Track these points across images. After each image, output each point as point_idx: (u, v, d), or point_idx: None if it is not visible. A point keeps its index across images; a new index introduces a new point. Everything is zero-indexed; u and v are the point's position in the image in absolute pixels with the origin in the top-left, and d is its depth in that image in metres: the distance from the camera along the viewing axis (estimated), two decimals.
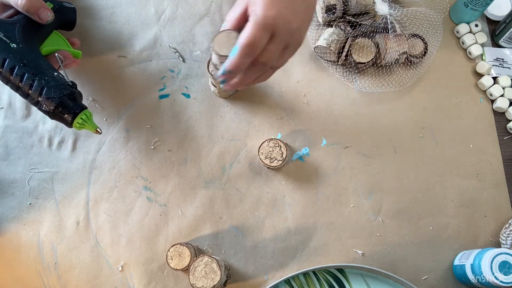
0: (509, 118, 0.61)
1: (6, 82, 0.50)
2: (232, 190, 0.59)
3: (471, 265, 0.52)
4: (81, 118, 0.51)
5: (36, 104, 0.50)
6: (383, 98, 0.62)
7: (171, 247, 0.53)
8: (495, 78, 0.62)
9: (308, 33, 0.63)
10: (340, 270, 0.54)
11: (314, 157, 0.60)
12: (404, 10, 0.60)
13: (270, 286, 0.52)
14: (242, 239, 0.57)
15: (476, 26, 0.64)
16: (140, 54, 0.64)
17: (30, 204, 0.59)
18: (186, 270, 0.53)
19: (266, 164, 0.57)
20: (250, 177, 0.59)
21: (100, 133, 0.53)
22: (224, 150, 0.60)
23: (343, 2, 0.61)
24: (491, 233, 0.57)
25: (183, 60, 0.64)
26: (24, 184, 0.59)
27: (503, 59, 0.63)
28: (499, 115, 0.62)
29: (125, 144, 0.60)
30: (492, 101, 0.62)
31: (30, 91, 0.49)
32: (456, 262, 0.55)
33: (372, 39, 0.60)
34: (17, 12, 0.53)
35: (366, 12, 0.61)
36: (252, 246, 0.57)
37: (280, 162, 0.57)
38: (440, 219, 0.58)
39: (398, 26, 0.61)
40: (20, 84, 0.49)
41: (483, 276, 0.50)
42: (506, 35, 0.62)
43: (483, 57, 0.63)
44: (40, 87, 0.49)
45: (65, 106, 0.50)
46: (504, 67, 0.63)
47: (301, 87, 0.63)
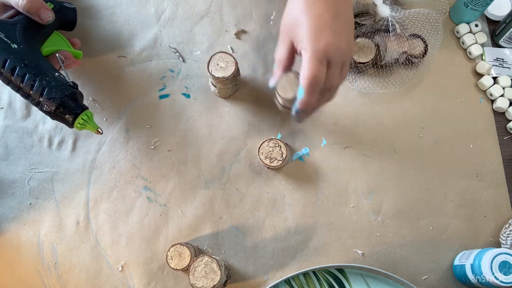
0: (509, 118, 0.61)
1: (7, 82, 0.50)
2: (232, 190, 0.59)
3: (471, 265, 0.52)
4: (82, 119, 0.51)
5: (37, 104, 0.50)
6: (383, 98, 0.62)
7: (171, 247, 0.53)
8: (495, 78, 0.62)
9: None
10: (340, 270, 0.54)
11: (314, 157, 0.60)
12: (405, 12, 0.60)
13: (270, 286, 0.52)
14: (242, 239, 0.57)
15: (476, 26, 0.64)
16: (140, 54, 0.64)
17: (30, 204, 0.59)
18: (186, 270, 0.53)
19: (266, 164, 0.57)
20: (250, 177, 0.59)
21: (101, 133, 0.53)
22: (224, 150, 0.60)
23: None
24: (491, 233, 0.57)
25: (183, 60, 0.64)
26: (24, 184, 0.59)
27: (503, 59, 0.63)
28: (499, 115, 0.62)
29: (125, 144, 0.60)
30: (492, 101, 0.62)
31: (31, 92, 0.49)
32: (456, 262, 0.55)
33: (372, 39, 0.60)
34: (17, 12, 0.53)
35: (366, 12, 0.61)
36: (252, 246, 0.57)
37: (280, 162, 0.57)
38: (440, 219, 0.58)
39: (398, 26, 0.61)
40: (21, 84, 0.49)
41: (483, 276, 0.50)
42: (506, 35, 0.62)
43: (483, 57, 0.63)
44: (41, 88, 0.49)
45: (66, 107, 0.50)
46: (504, 67, 0.63)
47: None
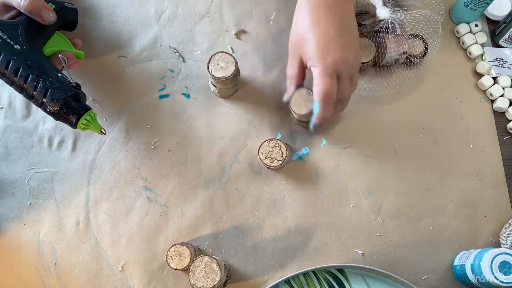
0: (509, 118, 0.61)
1: (11, 83, 0.50)
2: (232, 190, 0.59)
3: (471, 265, 0.52)
4: (85, 119, 0.51)
5: (41, 105, 0.50)
6: (383, 98, 0.62)
7: (171, 247, 0.53)
8: (495, 78, 0.62)
9: None
10: (340, 270, 0.54)
11: (314, 157, 0.60)
12: (406, 13, 0.60)
13: (270, 286, 0.52)
14: (242, 239, 0.57)
15: (476, 26, 0.64)
16: (140, 54, 0.64)
17: (30, 204, 0.59)
18: (186, 270, 0.53)
19: (266, 164, 0.57)
20: (250, 177, 0.59)
21: (105, 133, 0.53)
22: (224, 150, 0.60)
23: None
24: (491, 233, 0.57)
25: (183, 60, 0.64)
26: (24, 184, 0.59)
27: (503, 59, 0.63)
28: (499, 115, 0.62)
29: (125, 144, 0.60)
30: (492, 101, 0.62)
31: (34, 93, 0.50)
32: (456, 262, 0.55)
33: (372, 39, 0.60)
34: (19, 13, 0.53)
35: (366, 12, 0.61)
36: (252, 246, 0.57)
37: (280, 162, 0.57)
38: (440, 219, 0.57)
39: (398, 26, 0.60)
40: (24, 85, 0.50)
41: (483, 276, 0.50)
42: (506, 35, 0.62)
43: (483, 57, 0.63)
44: (45, 89, 0.49)
45: (69, 107, 0.50)
46: (504, 67, 0.63)
47: None
